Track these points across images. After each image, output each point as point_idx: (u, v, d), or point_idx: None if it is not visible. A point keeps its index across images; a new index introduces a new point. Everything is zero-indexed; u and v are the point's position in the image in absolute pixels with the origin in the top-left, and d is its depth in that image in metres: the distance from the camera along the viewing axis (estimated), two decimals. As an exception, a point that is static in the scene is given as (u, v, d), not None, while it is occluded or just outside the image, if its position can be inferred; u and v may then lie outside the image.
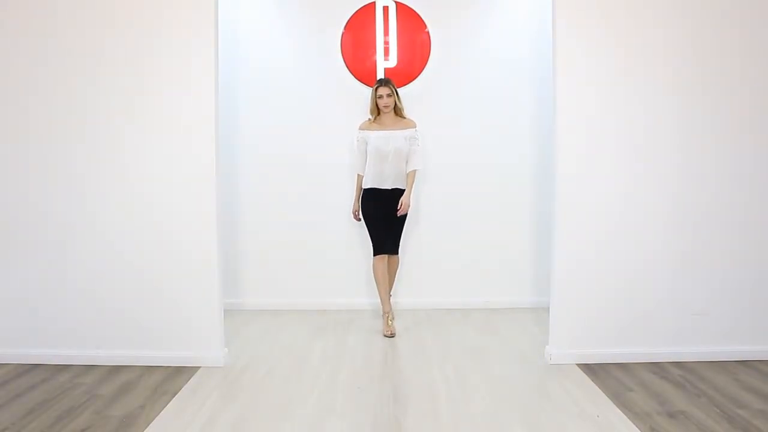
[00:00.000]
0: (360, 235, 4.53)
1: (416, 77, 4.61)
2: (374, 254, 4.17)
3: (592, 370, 3.30)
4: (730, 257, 3.43)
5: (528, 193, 4.65)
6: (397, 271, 4.35)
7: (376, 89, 4.14)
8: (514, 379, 3.24)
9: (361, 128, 4.21)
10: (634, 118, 3.37)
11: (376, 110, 4.16)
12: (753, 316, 3.44)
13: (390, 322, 4.09)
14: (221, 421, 2.72)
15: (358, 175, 4.21)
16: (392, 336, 3.99)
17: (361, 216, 4.21)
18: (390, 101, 4.11)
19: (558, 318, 3.42)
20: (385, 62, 4.60)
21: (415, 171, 4.14)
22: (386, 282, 4.18)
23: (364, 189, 4.16)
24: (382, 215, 4.12)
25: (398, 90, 4.18)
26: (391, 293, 4.36)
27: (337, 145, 4.59)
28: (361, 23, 4.59)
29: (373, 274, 4.21)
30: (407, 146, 4.12)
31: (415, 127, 4.17)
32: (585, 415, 2.76)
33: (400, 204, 4.09)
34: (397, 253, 4.24)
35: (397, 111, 4.16)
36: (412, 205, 4.30)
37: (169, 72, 3.32)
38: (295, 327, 4.20)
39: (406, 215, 4.17)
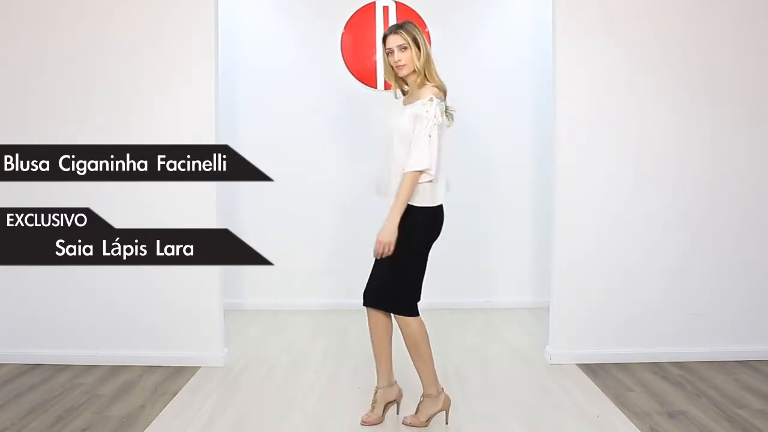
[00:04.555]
0: (360, 233, 4.51)
1: (416, 77, 4.60)
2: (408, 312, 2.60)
3: (592, 370, 3.30)
4: (729, 257, 3.42)
5: (528, 193, 4.64)
6: (407, 337, 2.69)
7: (384, 39, 2.53)
8: (514, 379, 3.24)
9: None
10: (634, 119, 3.37)
11: (393, 75, 2.57)
12: (753, 316, 3.44)
13: (374, 402, 2.67)
14: (221, 421, 2.72)
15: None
16: (373, 424, 2.65)
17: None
18: (405, 58, 2.48)
19: (558, 318, 3.42)
20: (385, 62, 4.59)
21: (411, 174, 2.42)
22: (386, 341, 2.71)
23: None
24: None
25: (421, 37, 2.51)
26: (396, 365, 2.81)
27: (336, 145, 4.58)
28: (361, 23, 4.58)
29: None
30: (409, 130, 2.45)
31: (429, 96, 2.45)
32: (585, 415, 2.77)
33: (376, 241, 2.52)
34: (372, 304, 2.63)
35: (420, 75, 2.51)
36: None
37: (170, 73, 3.32)
38: (295, 327, 4.20)
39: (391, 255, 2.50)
